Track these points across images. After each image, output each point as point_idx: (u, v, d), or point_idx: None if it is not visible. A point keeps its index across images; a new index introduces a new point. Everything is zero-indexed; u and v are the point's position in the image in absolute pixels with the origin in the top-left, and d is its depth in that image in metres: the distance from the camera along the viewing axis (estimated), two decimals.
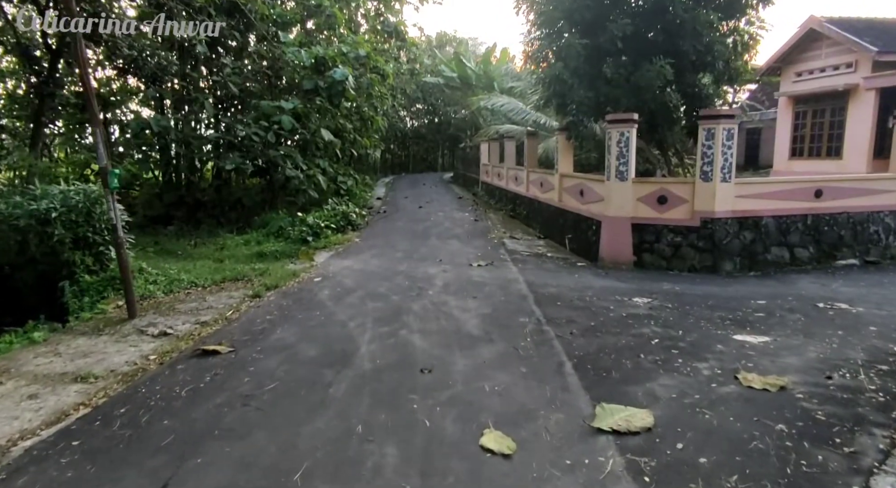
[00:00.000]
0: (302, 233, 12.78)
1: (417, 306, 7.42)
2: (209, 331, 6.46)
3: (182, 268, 10.13)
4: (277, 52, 16.39)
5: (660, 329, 6.44)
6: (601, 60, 12.87)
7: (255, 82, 18.67)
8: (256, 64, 17.92)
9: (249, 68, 18.02)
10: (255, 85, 18.82)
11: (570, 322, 6.70)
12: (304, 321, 6.81)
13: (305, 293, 8.25)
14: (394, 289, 8.45)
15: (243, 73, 17.57)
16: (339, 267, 10.22)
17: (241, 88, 18.39)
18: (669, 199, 10.35)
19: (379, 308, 7.37)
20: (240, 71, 17.44)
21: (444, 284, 8.70)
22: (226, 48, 16.70)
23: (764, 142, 24.16)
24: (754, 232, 10.05)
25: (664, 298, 7.92)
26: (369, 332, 6.32)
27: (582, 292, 8.22)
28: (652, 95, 11.86)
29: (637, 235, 10.62)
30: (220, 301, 7.89)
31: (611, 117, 10.83)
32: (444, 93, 33.54)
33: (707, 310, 7.27)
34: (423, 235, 13.89)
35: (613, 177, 10.71)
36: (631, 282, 9.07)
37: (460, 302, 7.63)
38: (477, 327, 6.50)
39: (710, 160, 9.91)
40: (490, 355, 5.60)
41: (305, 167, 16.25)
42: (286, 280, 8.99)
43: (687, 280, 9.28)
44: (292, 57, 15.49)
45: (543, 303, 7.56)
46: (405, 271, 9.75)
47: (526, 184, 16.62)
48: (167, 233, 15.19)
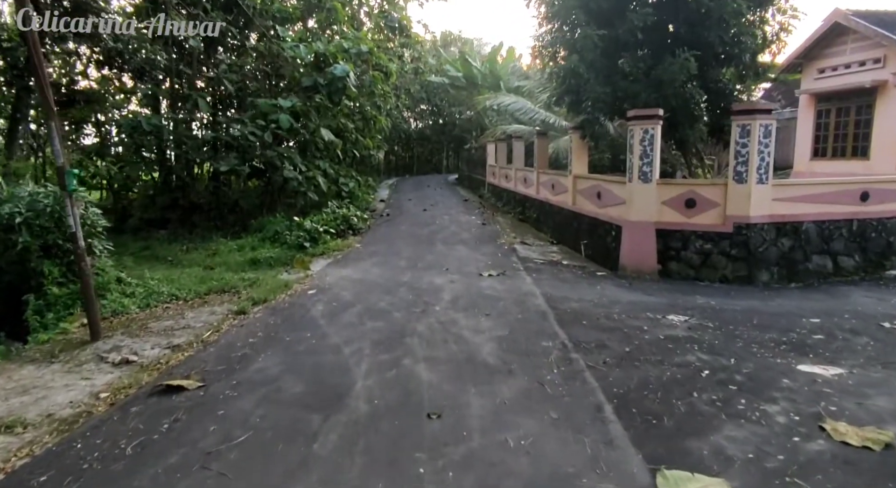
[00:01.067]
0: (299, 239, 11.77)
1: (423, 326, 6.39)
2: (180, 357, 5.46)
3: (166, 278, 9.14)
4: (276, 48, 15.40)
5: (707, 356, 5.40)
6: (618, 53, 11.87)
7: (254, 80, 17.71)
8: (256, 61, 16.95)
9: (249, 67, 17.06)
10: (255, 83, 17.87)
11: (601, 347, 5.67)
12: (291, 345, 5.79)
13: (297, 309, 7.23)
14: (396, 303, 7.42)
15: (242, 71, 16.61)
16: (336, 277, 9.20)
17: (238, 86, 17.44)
18: (698, 203, 9.31)
19: (379, 328, 6.34)
20: (238, 68, 16.49)
21: (453, 298, 7.67)
22: (223, 45, 15.73)
23: (780, 142, 22.94)
24: (793, 238, 8.99)
25: (702, 315, 6.87)
26: (367, 361, 5.29)
27: (608, 308, 7.18)
28: (674, 91, 10.82)
29: (662, 242, 9.58)
30: (199, 318, 6.88)
31: (633, 113, 9.79)
32: (449, 93, 32.51)
33: (755, 331, 6.22)
34: (428, 241, 12.87)
35: (636, 179, 9.67)
36: (660, 295, 8.03)
37: (471, 320, 6.60)
38: (493, 354, 5.47)
39: (744, 160, 8.86)
40: (511, 393, 4.57)
41: (305, 168, 15.26)
42: (277, 292, 7.98)
43: (721, 292, 8.22)
44: (291, 52, 14.49)
45: (567, 322, 6.53)
46: (409, 282, 8.73)
47: (536, 186, 15.58)
48: (159, 238, 14.21)
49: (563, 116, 19.31)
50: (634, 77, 11.28)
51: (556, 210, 13.56)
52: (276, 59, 16.44)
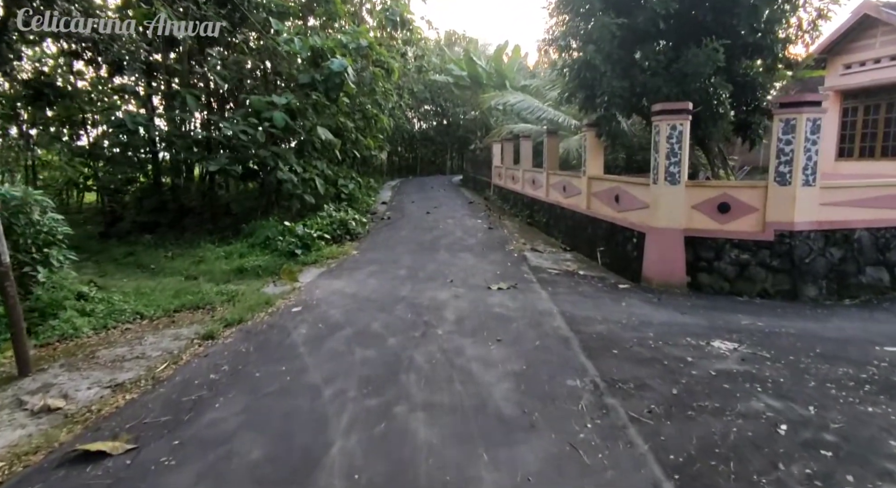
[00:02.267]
0: (290, 246, 10.61)
1: (422, 356, 5.22)
2: (119, 402, 4.31)
3: (137, 290, 8.02)
4: (270, 43, 14.28)
5: (777, 402, 4.21)
6: (637, 45, 10.71)
7: (250, 78, 16.60)
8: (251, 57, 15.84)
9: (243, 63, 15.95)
10: (251, 81, 16.75)
11: (642, 387, 4.49)
12: (260, 383, 4.63)
13: (275, 332, 6.07)
14: (392, 325, 6.26)
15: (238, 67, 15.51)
16: (327, 290, 8.04)
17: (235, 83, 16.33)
18: (733, 207, 8.12)
19: (369, 359, 5.18)
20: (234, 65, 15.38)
21: (458, 318, 6.50)
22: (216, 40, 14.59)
23: None
24: (844, 248, 7.79)
25: (752, 341, 5.69)
26: (351, 409, 4.14)
27: (640, 331, 6.00)
28: (699, 85, 9.67)
29: (691, 251, 8.41)
30: (160, 344, 5.73)
31: (659, 107, 8.61)
32: (453, 93, 31.31)
33: (823, 364, 5.03)
34: (430, 247, 11.70)
35: (662, 180, 8.49)
36: (695, 313, 6.84)
37: (480, 348, 5.43)
38: (508, 398, 4.30)
39: (788, 159, 7.67)
40: (536, 461, 3.40)
41: (301, 169, 14.13)
42: (256, 310, 6.82)
43: (766, 310, 7.03)
44: (286, 47, 13.35)
45: (594, 350, 5.35)
46: (408, 297, 7.56)
47: (545, 188, 14.39)
48: (145, 243, 13.11)
49: (573, 115, 18.13)
50: (654, 70, 10.13)
51: (569, 214, 12.38)
52: (271, 55, 15.34)
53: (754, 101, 11.01)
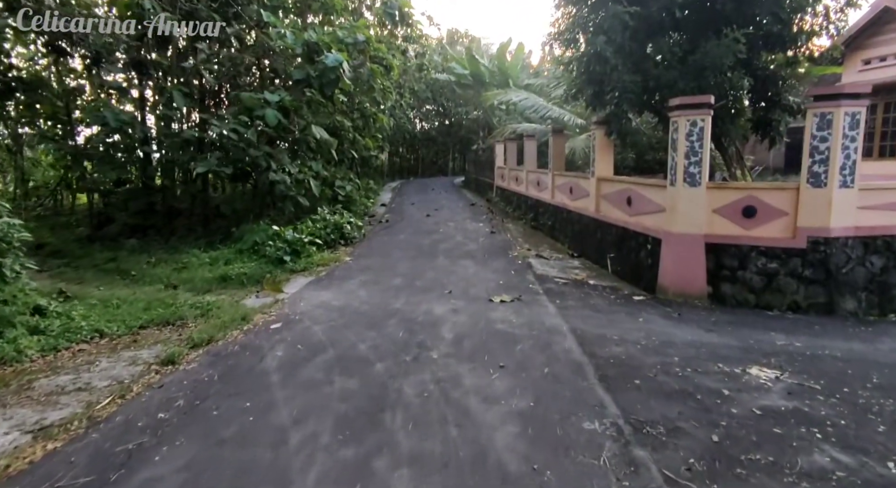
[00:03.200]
0: (278, 252, 9.80)
1: (412, 388, 4.40)
2: (37, 453, 3.50)
3: (106, 302, 7.23)
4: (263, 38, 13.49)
5: (845, 456, 3.38)
6: (650, 37, 9.89)
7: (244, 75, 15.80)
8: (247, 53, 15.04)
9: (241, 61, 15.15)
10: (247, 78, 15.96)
11: (675, 433, 3.67)
12: (216, 426, 3.82)
13: (248, 355, 5.26)
14: (381, 346, 5.44)
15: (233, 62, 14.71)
16: (313, 303, 7.23)
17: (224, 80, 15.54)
18: (760, 211, 7.28)
19: (350, 392, 4.36)
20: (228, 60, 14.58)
21: (456, 338, 5.68)
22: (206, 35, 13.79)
23: None
24: (886, 256, 6.94)
25: (795, 367, 4.85)
26: (320, 463, 3.32)
27: (663, 354, 5.17)
28: (719, 78, 8.85)
29: (713, 259, 7.57)
30: (112, 370, 4.93)
31: (678, 101, 7.79)
32: (456, 92, 30.46)
33: (888, 399, 4.19)
34: (429, 253, 10.88)
35: (681, 182, 7.65)
36: (723, 331, 6.00)
37: (480, 378, 4.61)
38: (513, 448, 3.48)
39: (823, 158, 6.82)
40: None
41: (296, 170, 13.32)
42: (230, 328, 6.01)
43: (801, 327, 6.19)
44: (277, 40, 12.55)
45: (613, 380, 4.52)
46: (401, 311, 6.74)
47: (551, 190, 13.56)
48: (130, 247, 12.31)
49: (579, 114, 17.30)
50: (669, 63, 9.32)
51: (576, 217, 11.54)
52: (266, 50, 14.54)
53: (775, 96, 10.16)
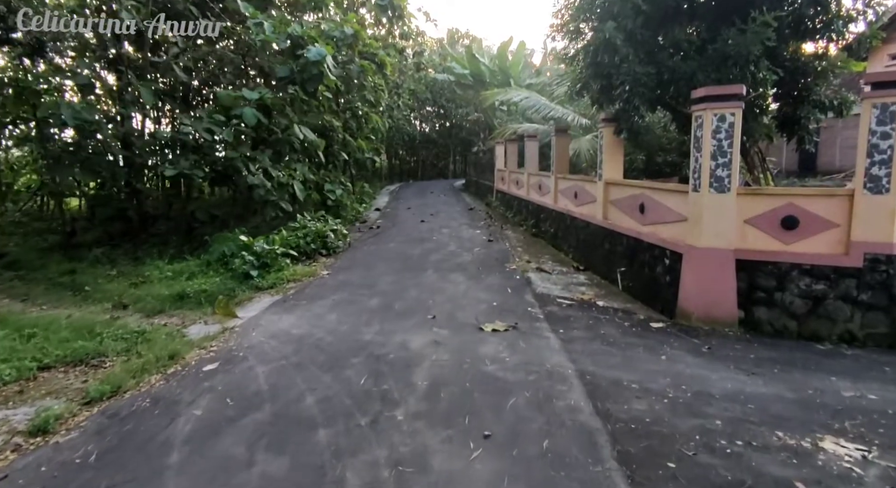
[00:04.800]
0: (245, 265, 8.56)
1: (358, 478, 3.12)
2: None
3: (21, 329, 5.98)
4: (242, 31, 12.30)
5: None
6: (664, 26, 8.63)
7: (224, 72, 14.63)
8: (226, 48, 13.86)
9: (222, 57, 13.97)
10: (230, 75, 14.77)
11: None
12: None
13: (154, 416, 3.99)
14: (333, 400, 4.17)
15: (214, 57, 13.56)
16: (268, 332, 5.97)
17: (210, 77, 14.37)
18: (803, 222, 5.99)
19: (271, 482, 3.09)
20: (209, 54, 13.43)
21: (431, 387, 4.40)
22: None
23: (824, 143, 19.48)
24: None
25: (882, 438, 3.55)
26: None
27: (700, 415, 3.87)
28: (743, 70, 7.55)
29: (745, 278, 6.28)
30: None
31: (702, 92, 6.51)
32: (456, 92, 29.19)
33: None
34: (417, 265, 9.61)
35: (706, 187, 6.36)
36: (768, 374, 4.69)
37: (455, 458, 3.33)
38: None
39: (885, 158, 5.54)
40: None
41: (279, 173, 12.09)
42: (151, 371, 4.75)
43: (867, 368, 4.88)
44: (256, 33, 11.34)
45: (639, 464, 3.23)
46: (371, 343, 5.48)
47: (553, 194, 12.27)
48: (94, 257, 11.10)
49: (583, 114, 16.00)
50: (686, 53, 8.05)
51: (581, 225, 10.25)
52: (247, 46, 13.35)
53: (805, 90, 8.83)
